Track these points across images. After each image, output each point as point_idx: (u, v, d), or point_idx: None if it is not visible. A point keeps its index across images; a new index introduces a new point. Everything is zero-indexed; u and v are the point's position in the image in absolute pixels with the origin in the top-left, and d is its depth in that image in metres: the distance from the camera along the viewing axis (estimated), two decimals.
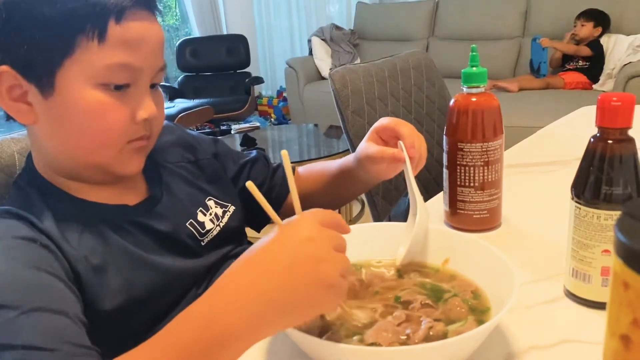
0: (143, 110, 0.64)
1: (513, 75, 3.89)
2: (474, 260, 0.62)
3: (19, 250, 0.58)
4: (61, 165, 0.67)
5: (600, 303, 0.61)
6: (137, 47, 0.62)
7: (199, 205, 0.77)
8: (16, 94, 0.62)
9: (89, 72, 0.60)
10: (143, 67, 0.63)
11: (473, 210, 0.81)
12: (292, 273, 0.47)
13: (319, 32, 4.57)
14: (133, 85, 0.64)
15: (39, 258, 0.58)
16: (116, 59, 0.60)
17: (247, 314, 0.46)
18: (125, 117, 0.64)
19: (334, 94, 1.29)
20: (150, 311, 0.67)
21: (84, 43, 0.59)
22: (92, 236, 0.64)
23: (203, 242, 0.75)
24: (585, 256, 0.60)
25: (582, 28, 3.50)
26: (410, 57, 1.51)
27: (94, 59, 0.60)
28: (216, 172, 0.85)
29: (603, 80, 3.48)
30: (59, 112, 0.62)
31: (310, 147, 3.06)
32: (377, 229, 0.68)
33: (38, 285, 0.56)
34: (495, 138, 0.79)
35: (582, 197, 0.59)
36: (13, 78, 0.61)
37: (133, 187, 0.74)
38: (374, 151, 0.78)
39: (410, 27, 4.42)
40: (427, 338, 0.52)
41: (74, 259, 0.61)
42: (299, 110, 4.43)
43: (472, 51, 0.79)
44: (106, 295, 0.62)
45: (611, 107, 0.56)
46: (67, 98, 0.61)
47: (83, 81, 0.60)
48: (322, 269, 0.47)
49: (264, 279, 0.47)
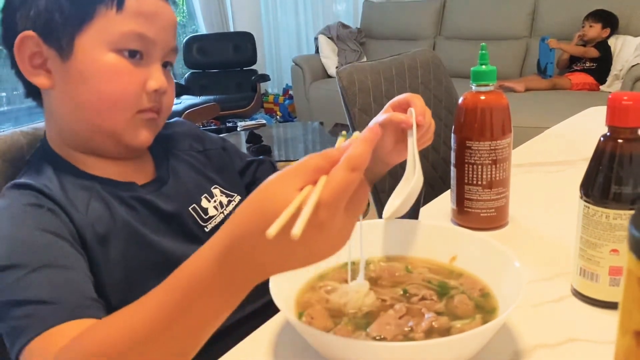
0: (154, 81, 0.69)
1: (520, 76, 3.88)
2: (481, 258, 0.62)
3: (27, 215, 0.62)
4: (74, 134, 0.70)
5: (607, 302, 0.61)
6: (151, 20, 0.67)
7: (203, 192, 0.79)
8: (37, 62, 0.67)
9: (106, 37, 0.65)
10: (155, 40, 0.68)
11: (480, 208, 0.81)
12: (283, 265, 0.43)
13: (326, 30, 4.57)
14: (146, 56, 0.68)
15: (46, 221, 0.62)
16: (131, 27, 0.66)
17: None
18: (136, 83, 0.68)
19: (341, 91, 1.29)
20: (147, 291, 0.66)
21: (103, 11, 0.65)
22: (99, 206, 0.66)
23: (206, 228, 0.76)
24: (594, 255, 0.60)
25: (590, 29, 3.49)
26: (418, 56, 1.50)
27: (111, 26, 0.65)
28: (223, 163, 0.87)
29: (610, 82, 3.47)
30: (76, 74, 0.66)
31: (316, 144, 3.07)
32: (387, 225, 0.68)
33: (45, 245, 0.60)
34: (504, 137, 0.79)
35: (591, 196, 0.59)
36: (35, 45, 0.66)
37: (142, 167, 0.76)
38: (384, 117, 0.76)
39: (417, 26, 4.42)
40: (430, 330, 0.52)
41: (81, 225, 0.64)
42: (304, 108, 4.44)
43: (481, 49, 0.79)
44: (105, 268, 0.65)
45: (622, 106, 0.56)
46: (84, 60, 0.66)
47: (100, 45, 0.65)
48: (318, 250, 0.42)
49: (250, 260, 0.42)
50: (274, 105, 5.17)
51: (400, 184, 0.67)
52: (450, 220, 0.86)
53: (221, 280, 0.43)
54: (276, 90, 5.43)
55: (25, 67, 0.67)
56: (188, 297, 0.44)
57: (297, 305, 0.58)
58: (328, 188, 0.40)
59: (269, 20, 5.39)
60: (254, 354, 0.58)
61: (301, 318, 0.55)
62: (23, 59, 0.66)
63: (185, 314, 0.44)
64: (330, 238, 0.41)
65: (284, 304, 0.52)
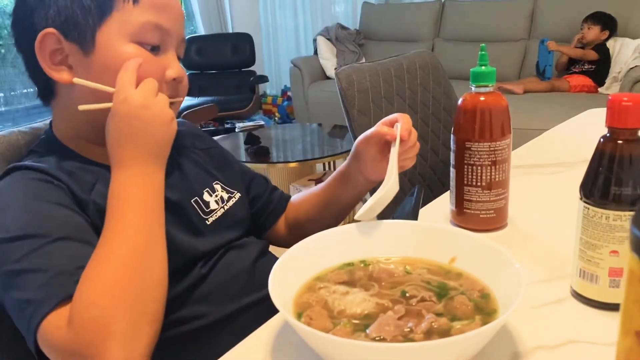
0: (172, 70, 0.73)
1: (518, 78, 3.88)
2: (480, 259, 0.62)
3: (37, 188, 0.65)
4: (91, 125, 0.72)
5: (607, 304, 0.60)
6: (164, 11, 0.71)
7: (205, 186, 0.81)
8: (57, 59, 0.69)
9: (125, 29, 0.69)
10: (170, 29, 0.72)
11: (480, 209, 0.80)
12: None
13: (325, 32, 4.57)
14: (162, 47, 0.72)
15: (58, 195, 0.65)
16: (148, 18, 0.69)
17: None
18: (156, 71, 0.71)
19: (340, 92, 1.29)
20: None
21: (120, 4, 0.69)
22: (104, 187, 0.68)
23: (208, 220, 0.78)
24: (593, 257, 0.59)
25: (589, 31, 3.50)
26: (417, 57, 1.50)
27: (130, 18, 0.69)
28: (225, 162, 0.89)
29: (609, 84, 3.48)
30: (100, 67, 0.69)
31: (314, 146, 3.06)
32: (386, 226, 0.68)
33: (62, 218, 0.63)
34: (503, 138, 0.78)
35: (591, 197, 0.59)
36: (56, 41, 0.68)
37: None
38: (371, 131, 0.81)
39: (416, 28, 4.42)
40: (430, 331, 0.52)
41: (83, 203, 0.67)
42: (303, 110, 4.44)
43: (481, 50, 0.79)
44: None
45: (622, 107, 0.56)
46: (107, 52, 0.69)
47: (121, 37, 0.69)
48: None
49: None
50: (272, 107, 5.17)
51: (377, 190, 0.71)
52: (449, 221, 0.86)
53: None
54: (274, 92, 5.43)
55: (46, 64, 0.69)
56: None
57: (295, 306, 0.57)
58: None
59: (267, 21, 5.39)
60: (252, 355, 0.57)
61: (300, 319, 0.54)
62: (44, 56, 0.68)
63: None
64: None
65: (283, 304, 0.52)
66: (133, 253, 0.60)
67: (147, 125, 0.66)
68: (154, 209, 0.65)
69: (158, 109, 0.67)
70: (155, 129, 0.67)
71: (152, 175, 0.66)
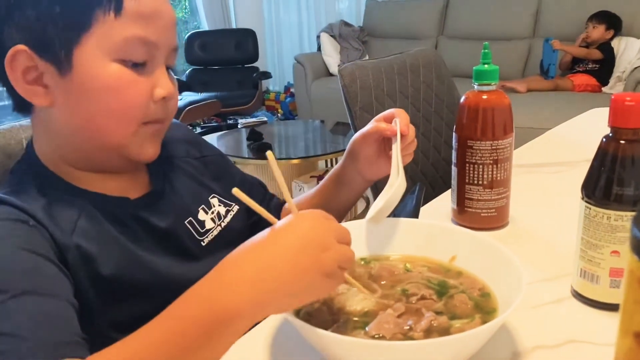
0: (161, 88, 0.64)
1: (522, 76, 3.87)
2: (481, 258, 0.61)
3: (9, 232, 0.57)
4: (73, 149, 0.66)
5: (607, 304, 0.60)
6: (152, 21, 0.62)
7: (201, 203, 0.76)
8: (31, 77, 0.61)
9: (107, 46, 0.60)
10: (158, 42, 0.63)
11: (481, 208, 0.80)
12: (298, 258, 0.48)
13: (328, 29, 4.56)
14: (150, 63, 0.63)
15: (30, 239, 0.57)
16: (133, 32, 0.60)
17: (252, 293, 0.47)
18: (144, 93, 0.63)
19: (342, 89, 1.29)
20: (137, 312, 0.62)
21: (100, 17, 0.59)
22: (87, 223, 0.62)
23: (203, 242, 0.73)
24: (594, 257, 0.59)
25: (594, 30, 3.48)
26: (420, 55, 1.50)
27: (112, 33, 0.60)
28: (221, 170, 0.84)
29: (613, 83, 3.46)
30: (78, 90, 0.61)
31: (316, 143, 3.06)
32: (387, 223, 0.68)
33: (29, 268, 0.55)
34: (505, 136, 0.78)
35: (592, 197, 0.58)
36: (29, 59, 0.60)
37: (135, 180, 0.72)
38: (368, 128, 0.77)
39: (419, 26, 4.41)
40: (429, 330, 0.52)
41: (63, 247, 0.59)
42: (305, 106, 4.43)
43: (484, 48, 0.78)
44: (92, 288, 0.61)
45: (624, 107, 0.55)
46: (86, 74, 0.60)
47: (101, 56, 0.60)
48: (325, 258, 0.48)
49: (272, 260, 0.48)
50: (275, 103, 5.17)
51: (385, 189, 0.69)
52: (450, 220, 0.86)
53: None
54: (277, 88, 5.43)
55: (19, 84, 0.61)
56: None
57: None
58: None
59: (271, 17, 5.39)
60: (251, 352, 0.57)
61: (299, 315, 0.54)
62: (16, 76, 0.60)
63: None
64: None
65: None
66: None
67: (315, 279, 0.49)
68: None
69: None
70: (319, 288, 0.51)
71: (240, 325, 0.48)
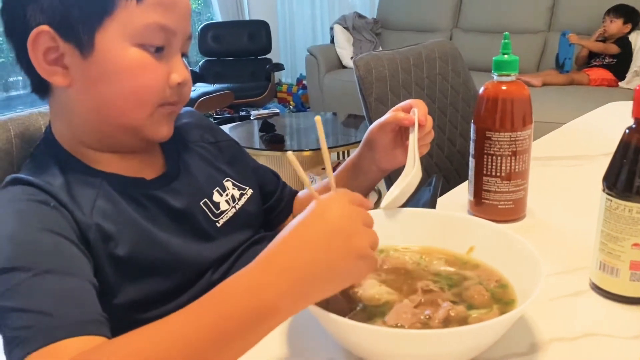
0: (177, 74, 0.67)
1: (537, 70, 3.83)
2: (500, 249, 0.61)
3: (31, 212, 0.59)
4: (90, 130, 0.67)
5: (627, 297, 0.60)
6: (171, 10, 0.65)
7: (215, 185, 0.77)
8: (52, 57, 0.63)
9: (128, 31, 0.62)
10: (176, 30, 0.66)
11: (498, 200, 0.80)
12: (330, 246, 0.49)
13: (342, 20, 4.54)
14: (167, 49, 0.66)
15: (51, 220, 0.59)
16: (153, 19, 0.63)
17: (291, 286, 0.47)
18: (161, 78, 0.66)
19: (357, 80, 1.28)
20: (154, 291, 0.67)
21: (123, 2, 0.62)
22: (105, 203, 0.64)
23: (218, 223, 0.75)
24: (614, 249, 0.59)
25: (611, 24, 3.43)
26: (436, 46, 1.49)
27: (133, 18, 0.62)
28: (236, 155, 0.85)
29: (630, 78, 3.42)
30: (98, 72, 0.63)
31: (329, 135, 3.06)
32: (404, 214, 0.68)
33: (51, 247, 0.57)
34: (524, 128, 0.77)
35: (614, 189, 0.58)
36: (50, 39, 0.62)
37: (151, 161, 0.74)
38: (386, 117, 0.77)
39: (434, 18, 4.37)
40: (447, 319, 0.52)
41: (84, 227, 0.62)
42: (318, 99, 4.42)
43: (504, 38, 0.78)
44: (111, 268, 0.63)
45: None
46: (106, 57, 0.62)
47: (122, 40, 0.62)
48: (355, 242, 0.50)
49: (306, 252, 0.49)
50: (288, 95, 5.16)
51: (400, 178, 0.69)
52: (466, 212, 0.85)
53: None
54: (290, 80, 5.42)
55: (39, 64, 0.63)
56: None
57: None
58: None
59: (284, 9, 5.37)
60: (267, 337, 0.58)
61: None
62: (37, 56, 0.62)
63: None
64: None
65: None
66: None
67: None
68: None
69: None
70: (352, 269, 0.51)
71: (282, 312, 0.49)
